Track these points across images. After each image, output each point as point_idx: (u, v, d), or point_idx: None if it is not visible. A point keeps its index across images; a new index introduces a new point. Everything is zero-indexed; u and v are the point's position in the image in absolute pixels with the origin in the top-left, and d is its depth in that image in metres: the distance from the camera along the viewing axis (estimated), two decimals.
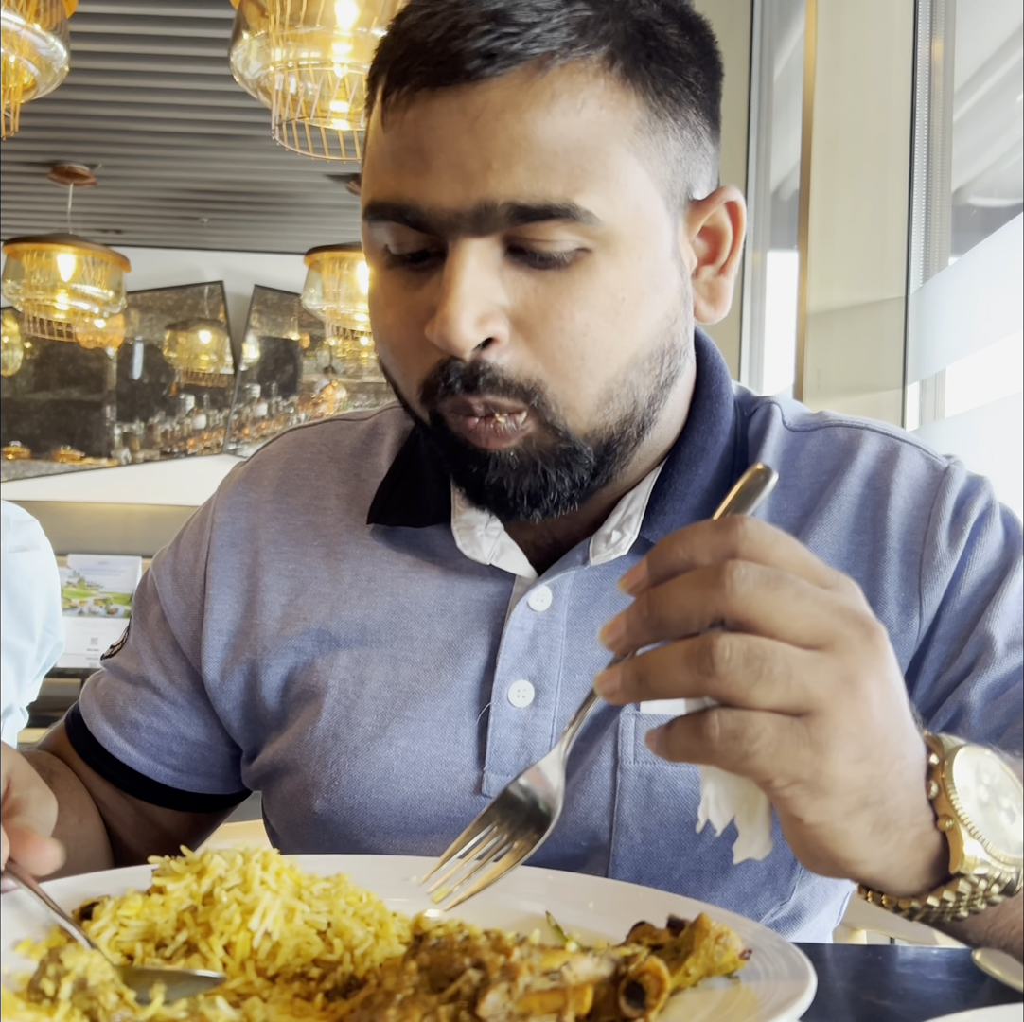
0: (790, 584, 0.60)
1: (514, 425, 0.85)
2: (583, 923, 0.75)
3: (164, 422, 8.80)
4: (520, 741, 0.94)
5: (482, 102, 0.80)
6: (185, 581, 1.06)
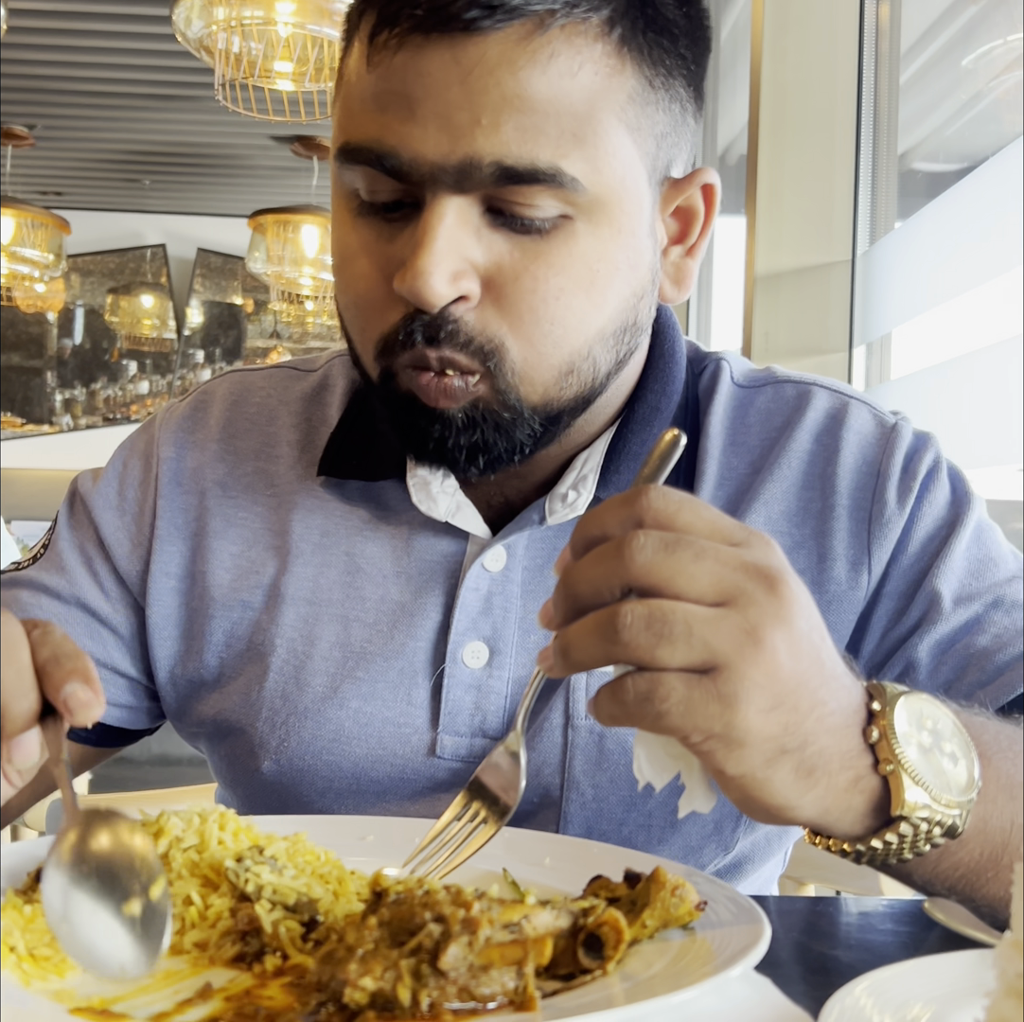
0: (689, 546, 0.61)
1: (464, 385, 0.84)
2: (539, 879, 0.76)
3: (106, 388, 8.68)
4: (474, 702, 0.94)
5: (477, 54, 0.78)
6: (133, 518, 1.03)
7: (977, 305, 1.97)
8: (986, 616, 0.92)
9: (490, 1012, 0.55)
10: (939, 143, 2.45)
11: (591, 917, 0.60)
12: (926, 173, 2.50)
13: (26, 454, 8.44)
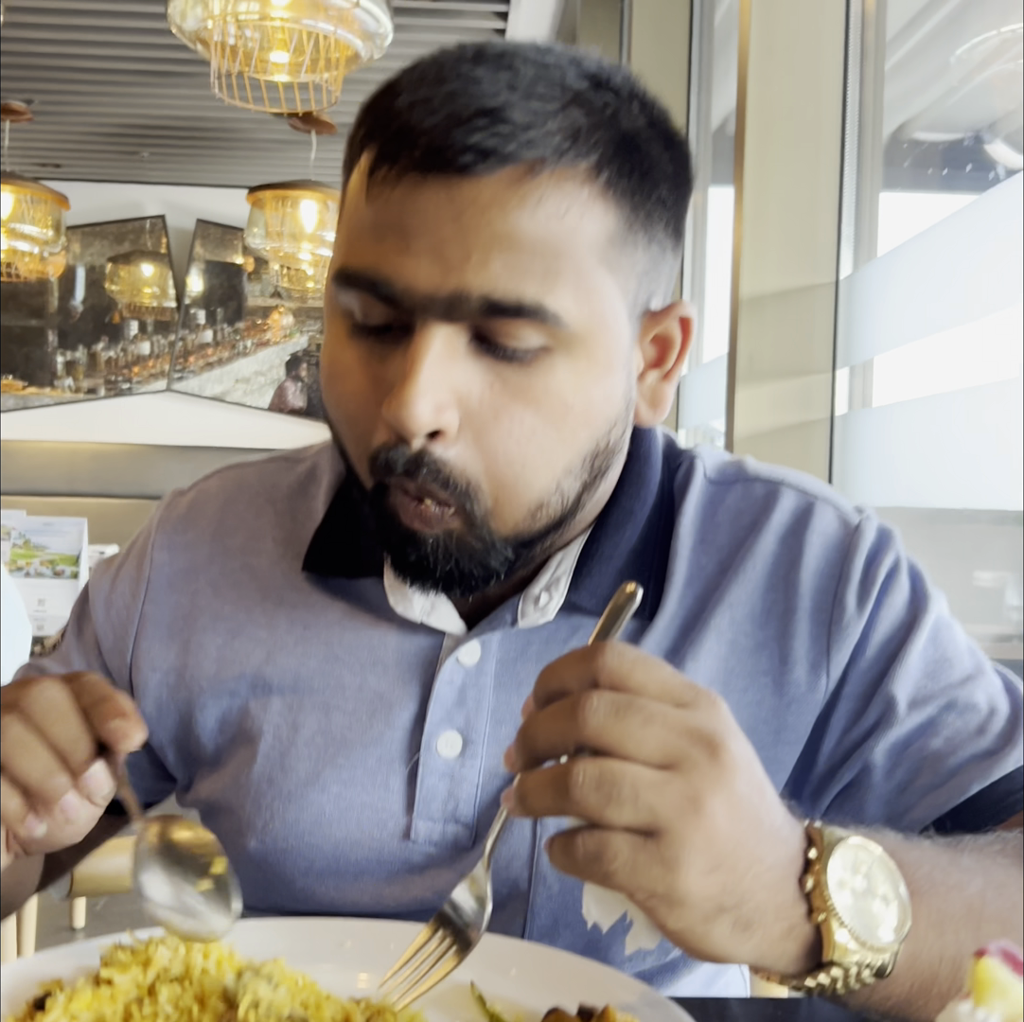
0: (639, 710, 0.66)
1: (440, 514, 0.88)
2: (504, 991, 0.81)
3: (108, 349, 8.70)
4: (448, 790, 0.98)
5: (471, 195, 0.82)
6: (117, 615, 1.08)
7: (960, 344, 2.01)
8: (940, 719, 0.96)
9: None
10: (938, 114, 2.47)
11: None
12: (918, 144, 2.53)
13: (28, 425, 8.47)
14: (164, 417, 8.58)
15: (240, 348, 8.89)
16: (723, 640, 0.99)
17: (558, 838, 0.68)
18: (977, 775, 0.93)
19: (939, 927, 0.75)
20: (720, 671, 0.98)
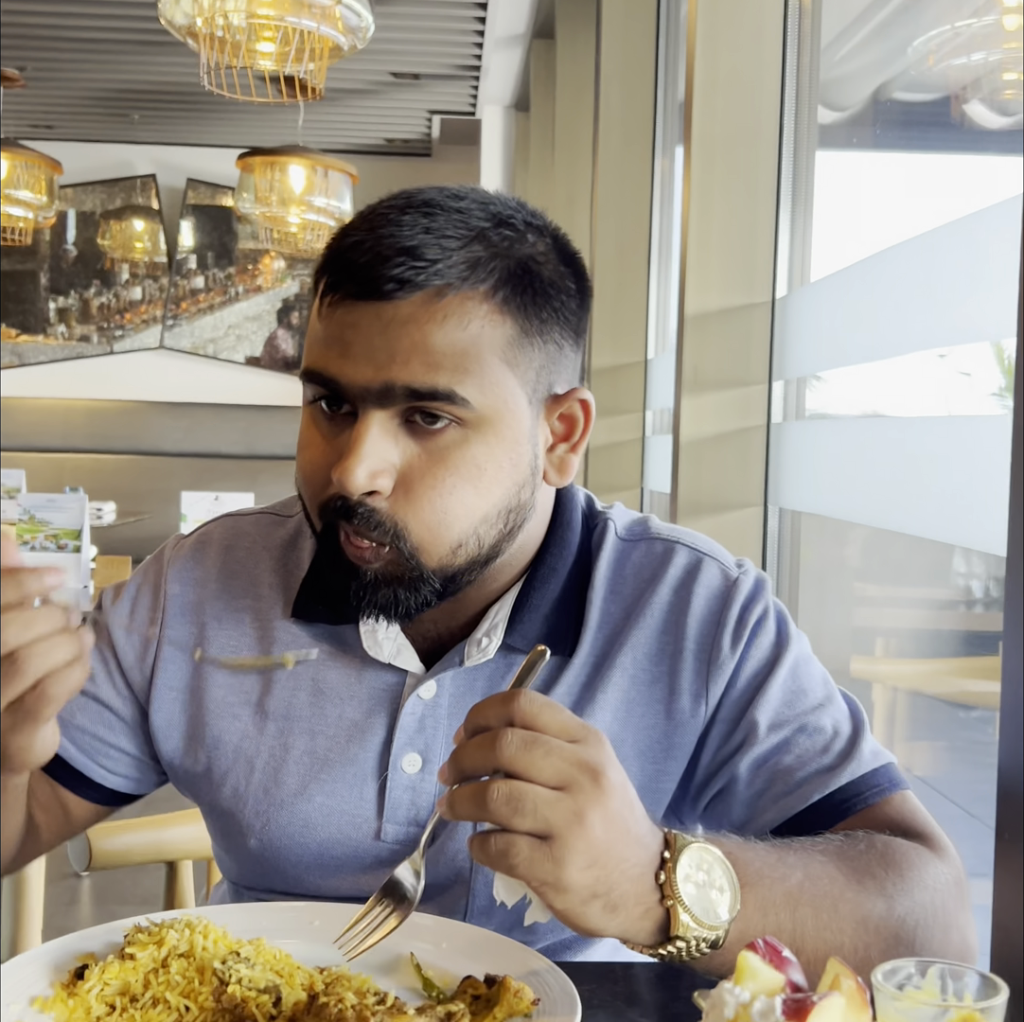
0: (541, 745, 0.91)
1: (375, 552, 1.11)
2: (437, 961, 1.05)
3: (99, 295, 8.83)
4: (411, 799, 1.22)
5: (392, 314, 1.07)
6: (139, 638, 1.29)
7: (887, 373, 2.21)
8: (793, 740, 1.19)
9: None
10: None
11: (453, 1020, 0.90)
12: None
13: (23, 383, 8.64)
14: (157, 374, 8.75)
15: (231, 294, 9.02)
16: (626, 675, 1.22)
17: (476, 837, 0.93)
18: (818, 786, 1.17)
19: (763, 910, 0.99)
20: (623, 701, 1.22)
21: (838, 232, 2.60)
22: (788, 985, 0.78)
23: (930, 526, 1.89)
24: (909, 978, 0.85)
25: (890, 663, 3.24)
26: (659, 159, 4.20)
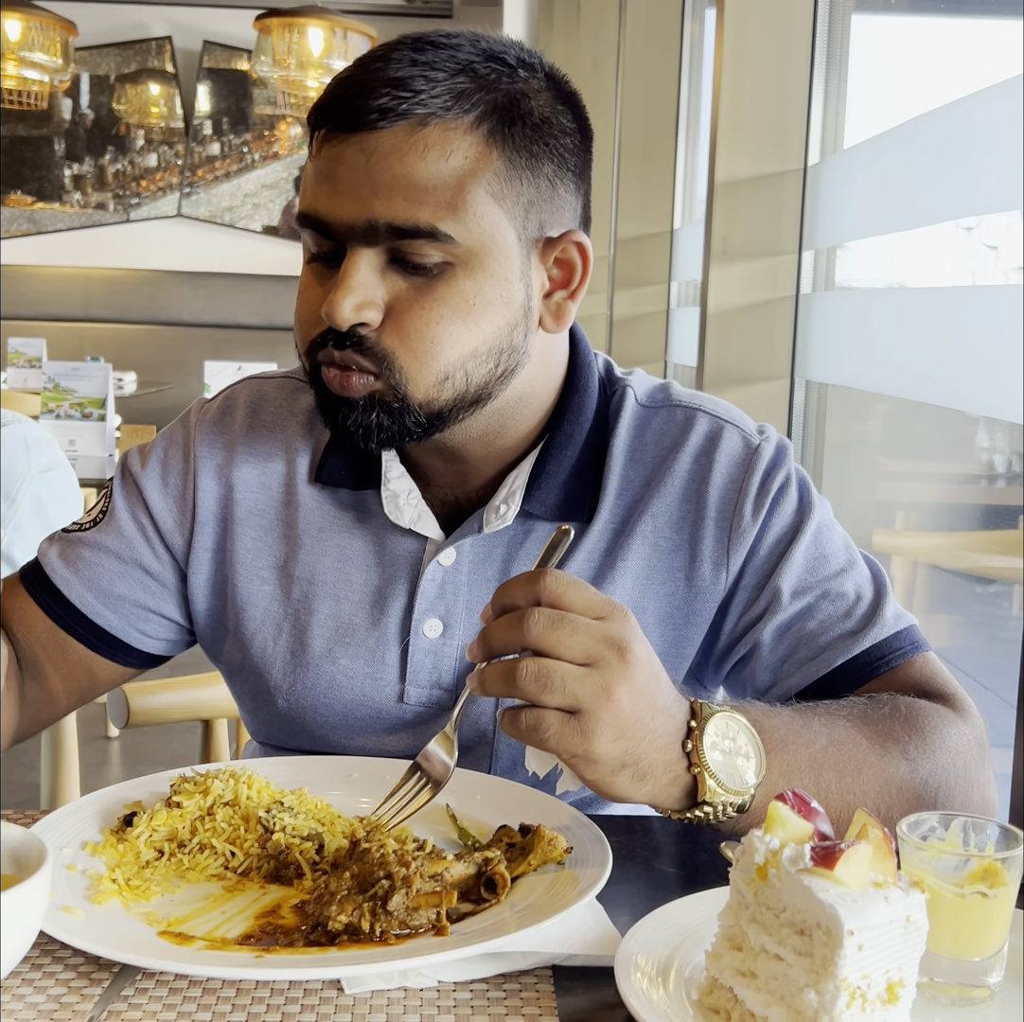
0: (569, 623, 0.92)
1: (364, 382, 1.12)
2: (471, 811, 1.09)
3: (115, 161, 8.72)
4: (432, 663, 1.24)
5: (375, 145, 1.07)
6: (175, 501, 1.30)
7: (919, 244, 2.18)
8: (816, 605, 1.21)
9: (419, 936, 0.88)
10: None
11: (490, 866, 0.93)
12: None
13: (42, 252, 8.58)
14: (175, 243, 8.68)
15: (248, 161, 8.91)
16: (646, 543, 1.23)
17: (507, 712, 0.95)
18: (842, 650, 1.19)
19: (787, 775, 1.02)
20: (644, 569, 1.23)
21: (872, 98, 2.55)
22: (816, 834, 0.81)
23: (955, 396, 1.89)
24: (932, 830, 0.88)
25: (910, 536, 3.26)
26: (688, 23, 4.10)
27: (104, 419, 3.79)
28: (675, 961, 0.86)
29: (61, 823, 1.03)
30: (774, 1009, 0.77)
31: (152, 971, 0.86)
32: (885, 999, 0.76)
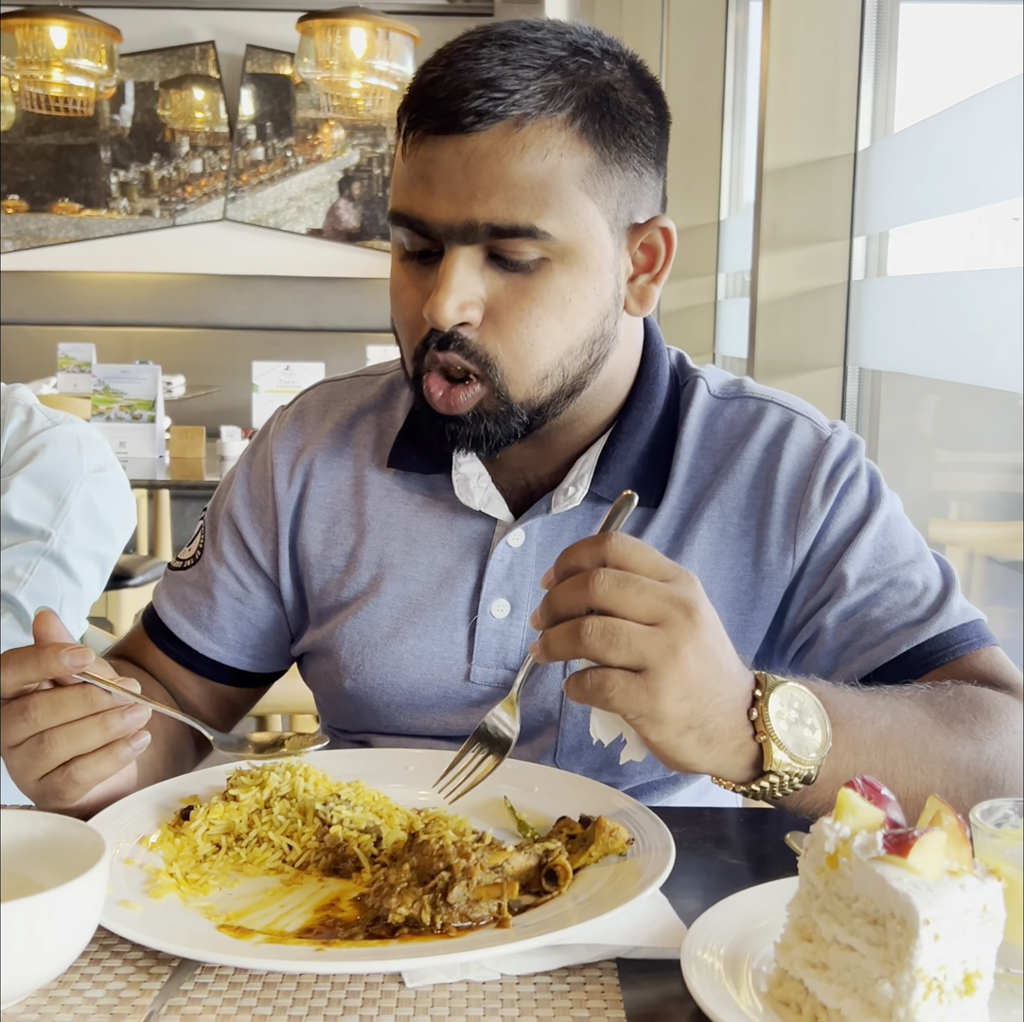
0: (634, 583, 0.91)
1: (469, 395, 1.13)
2: (530, 803, 1.07)
3: (160, 168, 8.77)
4: (499, 643, 1.24)
5: (472, 148, 1.08)
6: (261, 512, 1.34)
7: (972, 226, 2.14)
8: (882, 593, 1.19)
9: (480, 928, 0.86)
10: None
11: (551, 858, 0.92)
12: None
13: (89, 258, 8.64)
14: (221, 246, 8.72)
15: (291, 165, 8.94)
16: (714, 528, 1.23)
17: (572, 676, 0.94)
18: (907, 638, 1.17)
19: (854, 749, 1.00)
20: (711, 553, 1.23)
21: (922, 82, 2.51)
22: (887, 822, 0.79)
23: (1012, 379, 1.86)
24: (1007, 818, 0.86)
25: (965, 527, 3.21)
26: (732, 12, 4.06)
27: (154, 421, 3.81)
28: (743, 953, 0.84)
29: (117, 818, 1.02)
30: (847, 1001, 0.75)
31: (211, 965, 0.85)
32: (962, 990, 0.74)
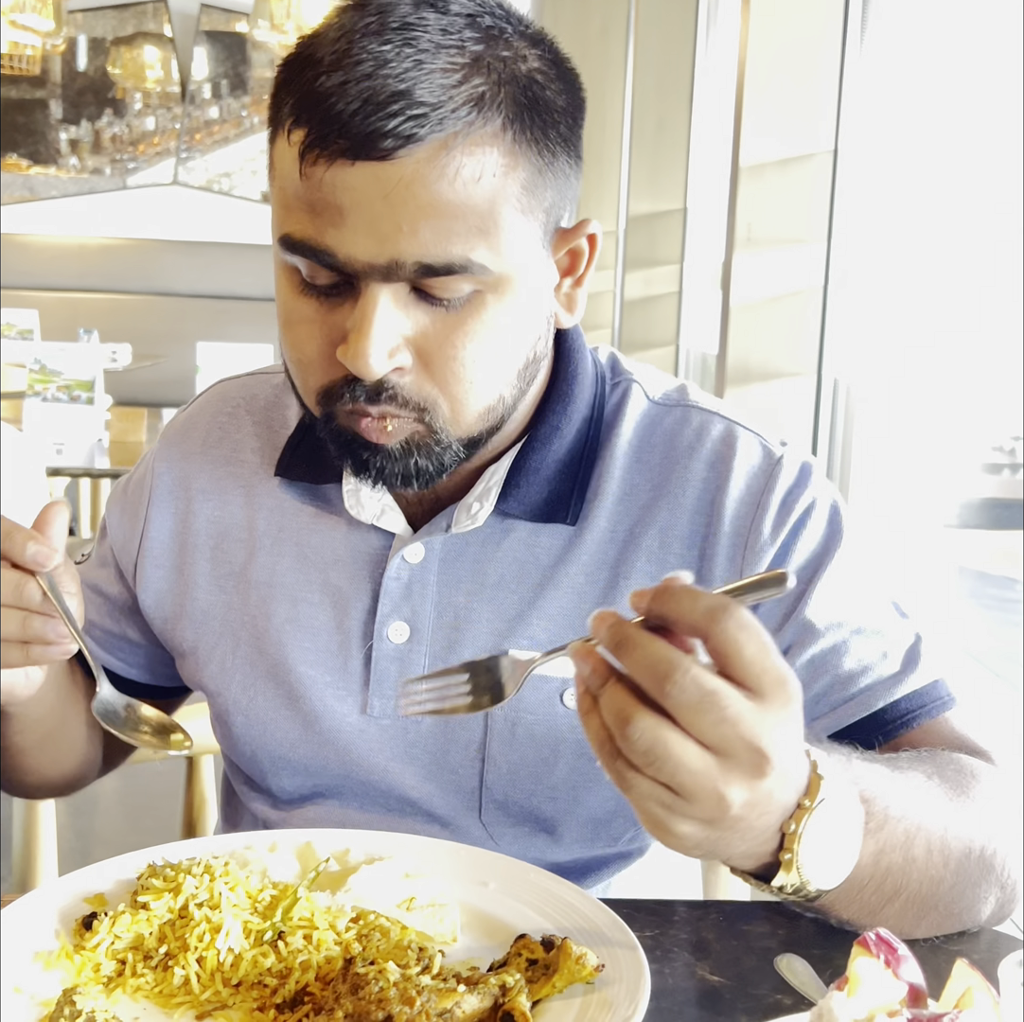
0: (718, 711, 0.73)
1: (402, 426, 1.00)
2: (482, 905, 0.95)
3: (112, 125, 8.53)
4: (398, 671, 1.12)
5: (395, 174, 0.92)
6: (129, 519, 1.23)
7: None
8: (850, 642, 1.06)
9: None
10: None
11: (508, 997, 0.79)
12: None
13: (37, 220, 8.40)
14: (171, 211, 8.50)
15: (247, 125, 8.74)
16: (654, 560, 1.09)
17: (594, 718, 0.76)
18: (882, 694, 1.05)
19: (876, 856, 0.88)
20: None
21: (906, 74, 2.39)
22: (909, 994, 0.67)
23: None
24: None
25: None
26: None
27: (92, 402, 3.64)
28: None
29: (10, 925, 0.88)
30: None
31: None
32: None
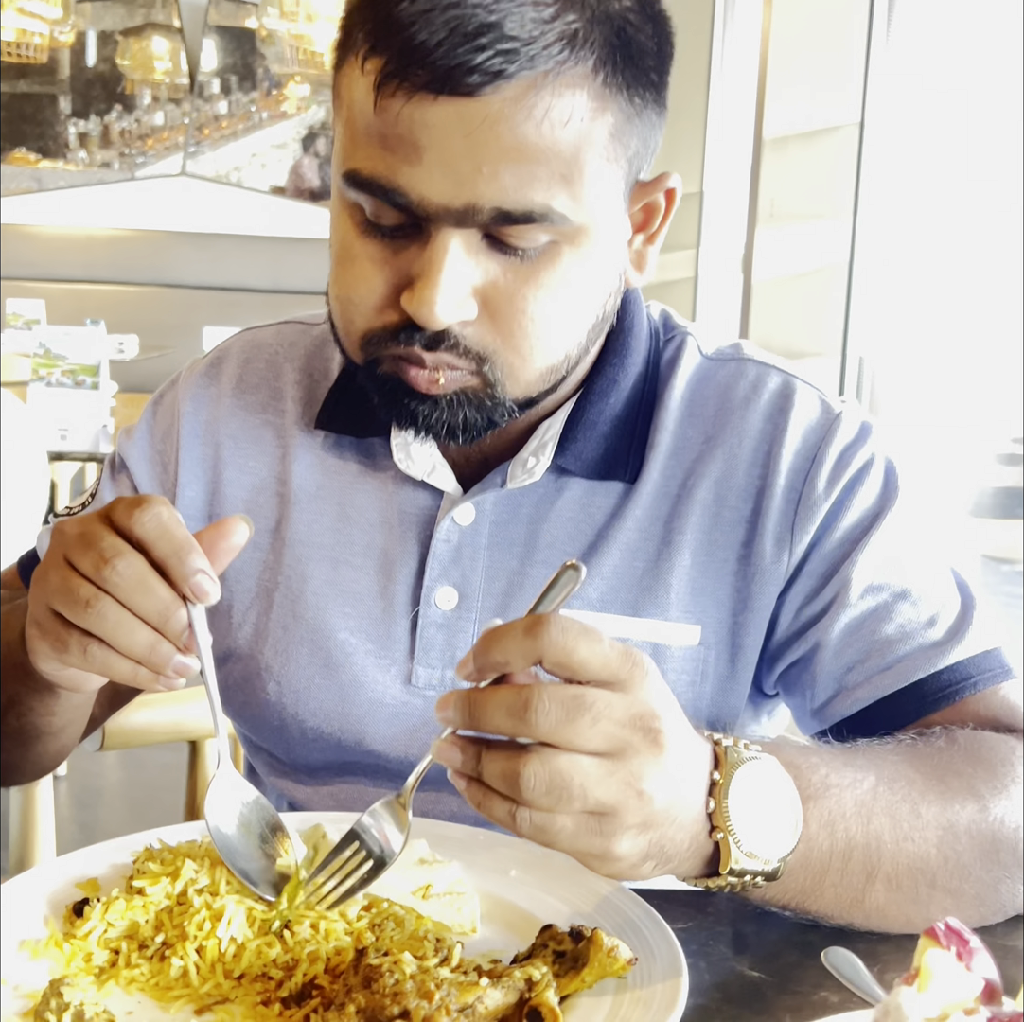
0: (588, 710, 0.71)
1: (456, 377, 0.94)
2: (503, 893, 0.89)
3: (120, 119, 8.49)
4: (446, 639, 1.05)
5: (479, 113, 0.85)
6: (161, 467, 1.14)
7: None
8: (893, 606, 1.01)
9: None
10: None
11: (535, 991, 0.73)
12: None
13: (43, 210, 8.35)
14: (180, 202, 8.45)
15: (255, 120, 8.71)
16: (708, 514, 1.04)
17: (494, 800, 0.74)
18: (923, 663, 0.99)
19: (830, 826, 0.83)
20: (704, 543, 1.04)
21: None
22: (984, 991, 0.60)
23: None
24: None
25: None
26: None
27: (97, 387, 3.58)
28: None
29: None
30: None
31: None
32: None
